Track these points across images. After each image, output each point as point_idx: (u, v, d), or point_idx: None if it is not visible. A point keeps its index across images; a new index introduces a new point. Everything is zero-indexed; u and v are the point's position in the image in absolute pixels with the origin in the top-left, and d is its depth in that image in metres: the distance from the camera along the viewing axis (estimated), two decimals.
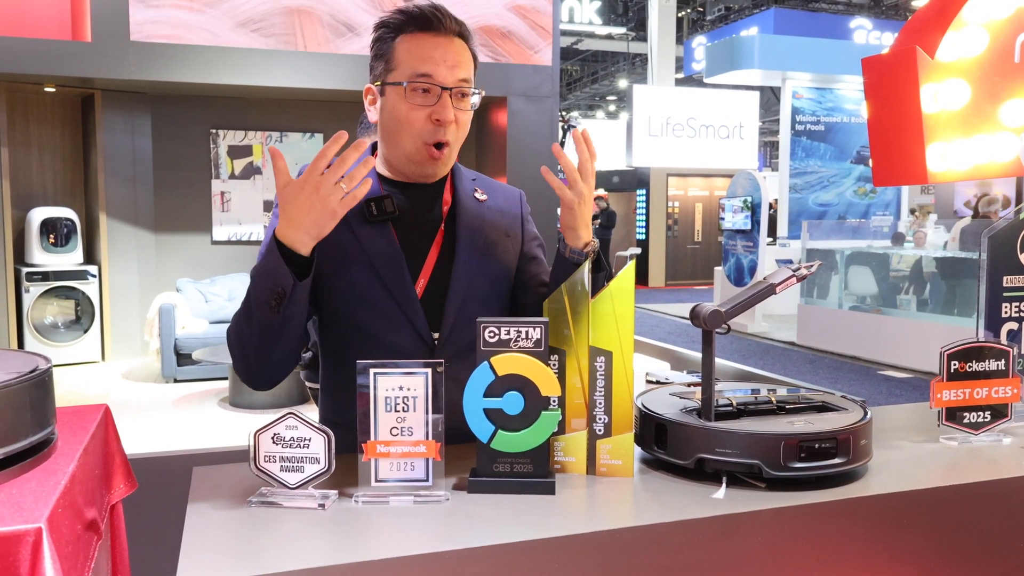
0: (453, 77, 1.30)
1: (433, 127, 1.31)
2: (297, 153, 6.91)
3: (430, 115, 1.30)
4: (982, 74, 2.56)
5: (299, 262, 1.19)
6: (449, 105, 1.30)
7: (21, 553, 0.80)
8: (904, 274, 8.36)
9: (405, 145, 1.33)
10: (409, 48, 1.31)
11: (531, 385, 1.12)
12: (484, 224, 1.41)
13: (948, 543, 1.17)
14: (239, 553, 0.94)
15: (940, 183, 8.21)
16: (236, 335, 1.27)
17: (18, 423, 0.99)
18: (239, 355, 1.28)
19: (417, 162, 1.34)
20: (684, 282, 16.04)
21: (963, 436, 1.38)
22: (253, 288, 1.22)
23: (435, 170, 1.36)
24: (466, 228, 1.38)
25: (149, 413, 5.10)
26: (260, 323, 1.21)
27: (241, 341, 1.26)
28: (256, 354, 1.26)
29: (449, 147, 1.34)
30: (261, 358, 1.26)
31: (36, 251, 6.24)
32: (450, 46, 1.31)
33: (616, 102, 24.11)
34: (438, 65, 1.29)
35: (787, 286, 1.24)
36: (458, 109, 1.32)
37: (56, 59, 5.29)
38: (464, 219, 1.39)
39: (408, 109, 1.31)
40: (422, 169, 1.36)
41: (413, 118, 1.31)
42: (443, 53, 1.30)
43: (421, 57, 1.30)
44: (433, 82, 1.29)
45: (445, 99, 1.30)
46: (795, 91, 11.96)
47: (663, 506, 1.08)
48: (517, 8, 6.04)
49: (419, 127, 1.31)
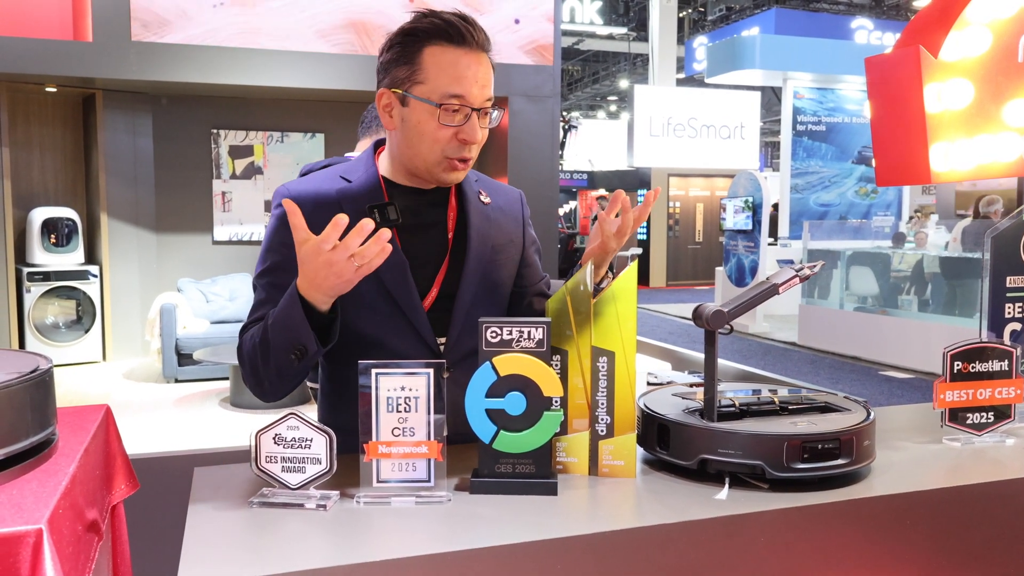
0: (482, 97, 1.29)
1: (458, 144, 1.29)
2: (299, 153, 6.91)
3: (457, 134, 1.28)
4: (985, 74, 2.55)
5: (320, 315, 1.19)
6: (477, 127, 1.29)
7: (22, 554, 0.80)
8: (905, 275, 8.35)
9: (428, 157, 1.31)
10: (439, 63, 1.27)
11: (533, 385, 1.11)
12: (491, 229, 1.40)
13: (951, 544, 1.17)
14: (240, 554, 0.94)
15: (943, 183, 8.21)
16: (250, 364, 1.27)
17: (19, 423, 0.98)
18: (252, 380, 1.29)
19: (438, 172, 1.33)
20: (685, 282, 16.03)
21: (966, 437, 1.38)
22: (274, 337, 1.21)
23: (456, 179, 1.35)
24: (476, 233, 1.37)
25: (150, 413, 5.10)
26: (279, 366, 1.23)
27: (255, 370, 1.27)
28: (271, 384, 1.28)
29: (471, 159, 1.33)
30: (276, 387, 1.28)
31: (37, 251, 6.24)
32: (480, 64, 1.29)
33: (617, 102, 24.10)
34: (471, 87, 1.27)
35: (790, 286, 1.23)
36: (482, 128, 1.31)
37: (57, 59, 5.29)
38: (474, 224, 1.37)
39: (436, 128, 1.28)
40: (443, 178, 1.34)
41: (440, 136, 1.29)
42: (475, 73, 1.28)
43: (454, 76, 1.26)
44: (465, 103, 1.27)
45: (474, 120, 1.29)
46: (796, 91, 11.96)
47: (665, 507, 1.08)
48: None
49: (443, 144, 1.29)
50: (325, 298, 1.18)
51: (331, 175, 1.38)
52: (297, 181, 1.39)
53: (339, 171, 1.39)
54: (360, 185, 1.35)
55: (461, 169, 1.33)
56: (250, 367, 1.28)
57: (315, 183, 1.36)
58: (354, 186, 1.34)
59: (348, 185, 1.35)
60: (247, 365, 1.29)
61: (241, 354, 1.30)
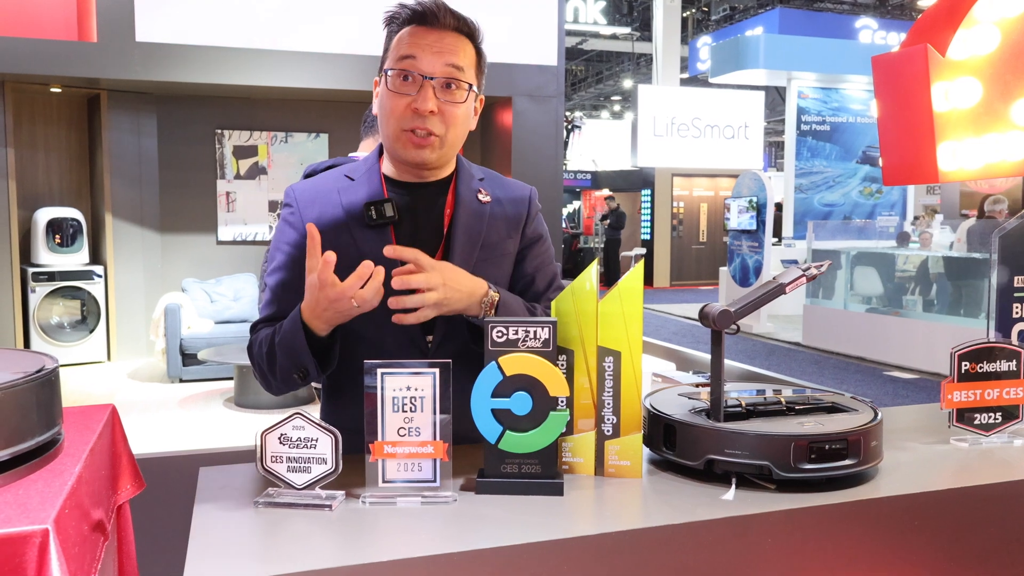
0: (439, 63, 1.28)
1: (412, 115, 1.28)
2: (303, 153, 6.92)
3: (410, 103, 1.28)
4: (994, 72, 2.54)
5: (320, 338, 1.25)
6: (429, 95, 1.27)
7: (28, 554, 0.79)
8: (910, 275, 8.33)
9: (389, 133, 1.32)
10: (400, 38, 1.31)
11: (539, 385, 1.11)
12: (483, 227, 1.38)
13: (959, 545, 1.16)
14: (246, 554, 0.94)
15: (950, 182, 8.18)
16: (259, 367, 1.33)
17: (25, 423, 0.98)
18: (261, 380, 1.36)
19: (400, 149, 1.32)
20: (689, 282, 16.01)
21: (974, 438, 1.37)
22: (280, 356, 1.27)
23: (419, 158, 1.32)
24: (463, 232, 1.36)
25: (155, 413, 5.11)
26: (284, 379, 1.30)
27: (263, 373, 1.33)
28: (279, 388, 1.34)
29: (437, 138, 1.30)
30: (283, 390, 1.35)
31: (42, 251, 6.25)
32: (442, 38, 1.29)
33: (621, 102, 24.09)
34: (423, 51, 1.28)
35: (797, 286, 1.23)
36: (444, 101, 1.29)
37: (62, 59, 5.30)
38: (462, 222, 1.36)
39: (390, 96, 1.29)
40: (406, 156, 1.32)
41: (393, 105, 1.29)
42: (431, 42, 1.29)
43: (407, 43, 1.29)
44: (414, 67, 1.27)
45: (426, 88, 1.27)
46: (800, 91, 11.95)
47: (672, 507, 1.07)
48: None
49: (399, 114, 1.29)
50: (324, 327, 1.23)
51: (337, 175, 1.40)
52: (306, 181, 1.41)
53: (345, 171, 1.40)
54: (361, 184, 1.36)
55: (422, 146, 1.30)
56: (259, 369, 1.34)
57: (321, 183, 1.38)
58: (355, 185, 1.36)
59: (351, 184, 1.36)
60: (256, 366, 1.34)
61: (251, 353, 1.35)
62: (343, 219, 1.32)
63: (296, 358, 1.24)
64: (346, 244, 1.31)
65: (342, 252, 1.30)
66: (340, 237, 1.31)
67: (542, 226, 1.48)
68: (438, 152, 1.33)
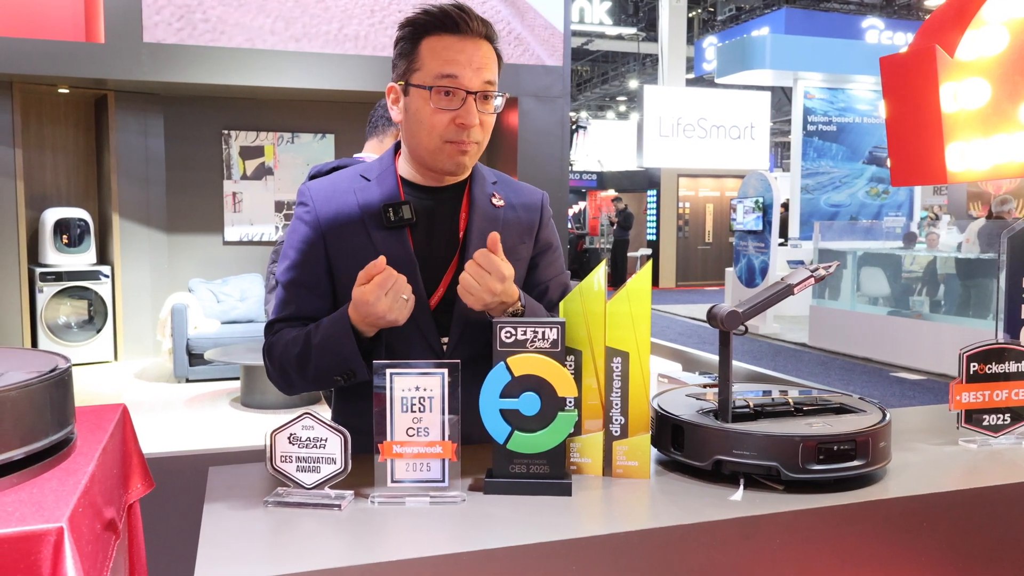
0: (478, 80, 1.29)
1: (456, 129, 1.29)
2: (309, 154, 6.93)
3: (454, 119, 1.29)
4: (1003, 73, 2.53)
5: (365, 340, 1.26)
6: (474, 109, 1.29)
7: (43, 552, 0.80)
8: (917, 275, 8.30)
9: (428, 145, 1.32)
10: (434, 49, 1.29)
11: (547, 386, 1.11)
12: (497, 230, 1.37)
13: (968, 546, 1.16)
14: (256, 553, 0.94)
15: (958, 183, 8.15)
16: (282, 368, 1.32)
17: (38, 422, 0.99)
18: (281, 381, 1.35)
19: (441, 159, 1.33)
20: (695, 283, 15.99)
21: (983, 439, 1.37)
22: (320, 359, 1.26)
23: (460, 165, 1.34)
24: (478, 236, 1.36)
25: (162, 413, 5.12)
26: (319, 381, 1.30)
27: (287, 375, 1.33)
28: (302, 388, 1.34)
29: (476, 144, 1.33)
30: (307, 391, 1.36)
31: (50, 251, 6.28)
32: (477, 48, 1.29)
33: (627, 103, 24.06)
34: (464, 68, 1.27)
35: (805, 286, 1.23)
36: (482, 112, 1.30)
37: (70, 60, 5.33)
38: (477, 226, 1.37)
39: (432, 112, 1.29)
40: (446, 165, 1.33)
41: (436, 121, 1.29)
42: (469, 56, 1.28)
43: (446, 59, 1.28)
44: (458, 85, 1.27)
45: (470, 103, 1.28)
46: (807, 91, 11.91)
47: (680, 508, 1.07)
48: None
49: (441, 130, 1.30)
50: (371, 330, 1.25)
51: (353, 175, 1.39)
52: (321, 179, 1.41)
53: (360, 170, 1.40)
54: (378, 184, 1.36)
55: (464, 152, 1.32)
56: (280, 371, 1.33)
57: (337, 182, 1.38)
58: (372, 185, 1.36)
59: (367, 184, 1.36)
60: (277, 367, 1.33)
61: (271, 354, 1.34)
62: (360, 220, 1.33)
63: (343, 361, 1.24)
64: (363, 245, 1.32)
65: (359, 252, 1.31)
66: (357, 237, 1.31)
67: (554, 234, 1.49)
68: (474, 159, 1.36)
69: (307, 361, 1.28)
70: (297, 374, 1.30)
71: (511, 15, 5.99)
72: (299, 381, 1.32)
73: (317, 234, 1.33)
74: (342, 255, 1.32)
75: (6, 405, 0.95)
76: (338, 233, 1.33)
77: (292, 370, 1.30)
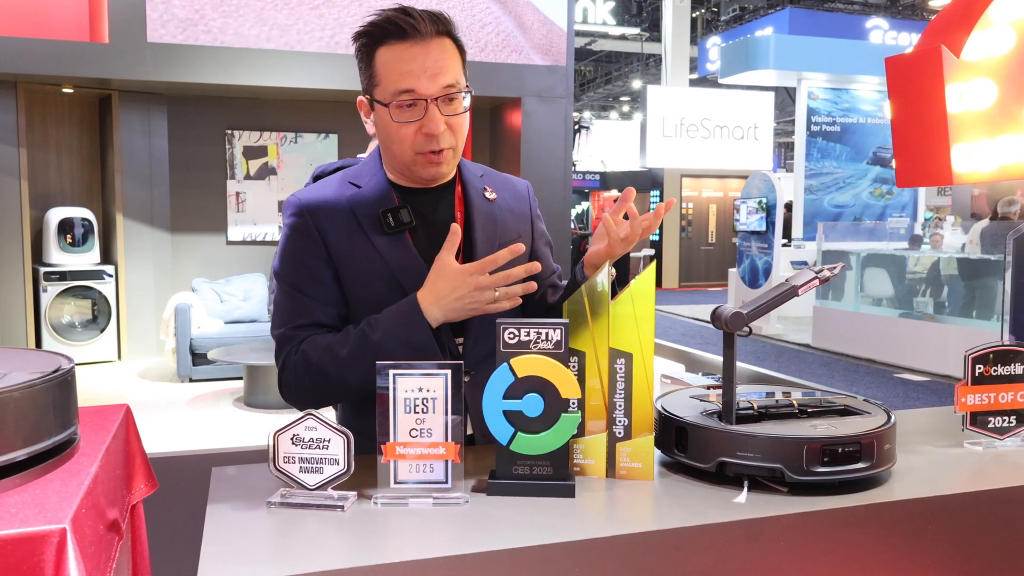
0: (436, 86, 1.26)
1: (424, 139, 1.28)
2: (312, 154, 6.94)
3: (419, 128, 1.27)
4: (1009, 73, 2.52)
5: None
6: (437, 116, 1.26)
7: (46, 553, 0.80)
8: (921, 276, 8.28)
9: (401, 157, 1.31)
10: (388, 62, 1.26)
11: (551, 387, 1.11)
12: (498, 227, 1.39)
13: (973, 549, 1.16)
14: (259, 554, 0.94)
15: (964, 184, 8.12)
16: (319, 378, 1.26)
17: (42, 423, 0.99)
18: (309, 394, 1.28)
19: (417, 170, 1.32)
20: (698, 283, 15.98)
21: (988, 441, 1.37)
22: (386, 355, 1.18)
23: (437, 173, 1.33)
24: (482, 232, 1.37)
25: (165, 412, 5.13)
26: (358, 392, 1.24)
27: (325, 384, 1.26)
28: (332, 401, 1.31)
29: (451, 150, 1.31)
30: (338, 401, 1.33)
31: (53, 251, 6.29)
32: (428, 52, 1.26)
33: (630, 103, 24.05)
34: (418, 78, 1.25)
35: (809, 288, 1.22)
36: (448, 115, 1.28)
37: (74, 60, 5.34)
38: (478, 223, 1.37)
39: (397, 127, 1.28)
40: (423, 175, 1.33)
41: (403, 134, 1.28)
42: (422, 63, 1.25)
43: (400, 72, 1.25)
44: (416, 96, 1.25)
45: (432, 111, 1.26)
46: (810, 91, 11.90)
47: (684, 510, 1.07)
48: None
49: (410, 142, 1.28)
50: (441, 316, 1.23)
51: (340, 181, 1.38)
52: (308, 189, 1.38)
53: (348, 176, 1.38)
54: (370, 190, 1.35)
55: (439, 163, 1.30)
56: (317, 376, 1.26)
57: (326, 190, 1.36)
58: (364, 191, 1.35)
59: (358, 191, 1.35)
60: (313, 374, 1.26)
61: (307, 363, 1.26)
62: (359, 227, 1.32)
63: (414, 351, 1.21)
64: (368, 252, 1.31)
65: (365, 260, 1.30)
66: (360, 246, 1.31)
67: (543, 224, 1.51)
68: (452, 163, 1.34)
69: (361, 361, 1.22)
70: (341, 380, 1.25)
71: (513, 14, 5.99)
72: (337, 393, 1.27)
73: (318, 244, 1.32)
74: (346, 262, 1.31)
75: (9, 406, 0.95)
76: (340, 241, 1.31)
77: (335, 375, 1.24)
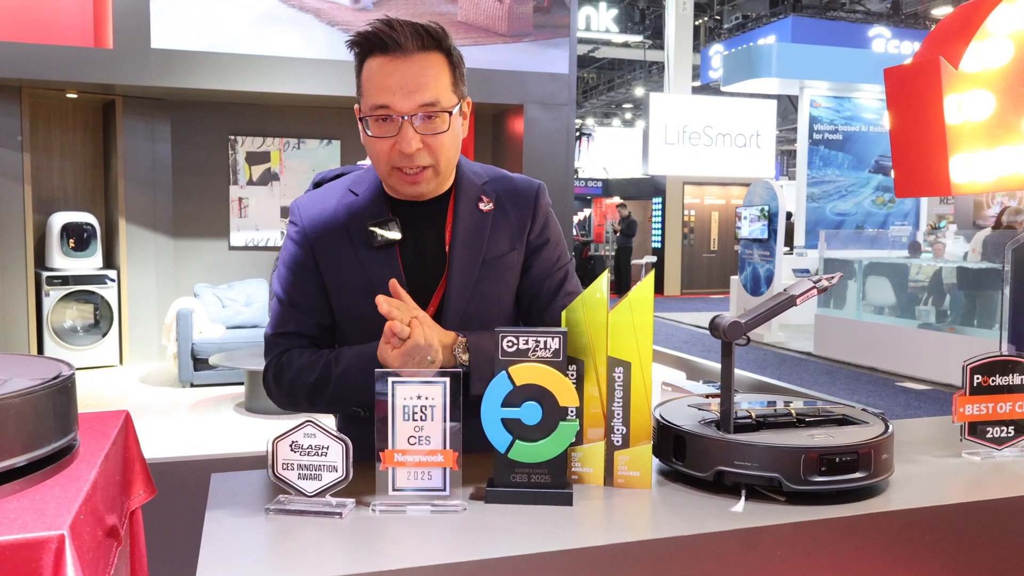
0: (411, 103, 1.23)
1: (399, 155, 1.26)
2: (315, 160, 6.96)
3: (393, 144, 1.25)
4: (1007, 85, 2.52)
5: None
6: (410, 134, 1.23)
7: (44, 560, 0.80)
8: (923, 285, 8.27)
9: (380, 171, 1.31)
10: (369, 76, 1.25)
11: (549, 395, 1.11)
12: (484, 242, 1.35)
13: (971, 560, 1.16)
14: (257, 561, 0.94)
15: (963, 195, 8.12)
16: (289, 390, 1.32)
17: (41, 429, 1.00)
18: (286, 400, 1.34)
19: (394, 185, 1.31)
20: (700, 291, 15.97)
21: (986, 451, 1.37)
22: (341, 391, 1.27)
23: (415, 192, 1.31)
24: (461, 251, 1.34)
25: (166, 417, 5.13)
26: (333, 407, 1.31)
27: (293, 396, 1.33)
28: (306, 409, 1.33)
29: (429, 169, 1.28)
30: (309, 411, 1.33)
31: (56, 255, 6.31)
32: (408, 68, 1.23)
33: (632, 110, 24.09)
34: (394, 94, 1.22)
35: (808, 297, 1.23)
36: (426, 134, 1.25)
37: (78, 66, 5.36)
38: (460, 240, 1.34)
39: (374, 141, 1.26)
40: (402, 192, 1.32)
41: (379, 148, 1.26)
42: (400, 79, 1.22)
43: (377, 87, 1.24)
44: (390, 112, 1.23)
45: (405, 128, 1.23)
46: (813, 100, 11.92)
47: (681, 519, 1.07)
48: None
49: (386, 157, 1.27)
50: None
51: (343, 189, 1.38)
52: (310, 196, 1.40)
53: (349, 183, 1.39)
54: (365, 200, 1.35)
55: (414, 182, 1.28)
56: (289, 394, 1.33)
57: (326, 198, 1.37)
58: (360, 201, 1.35)
59: (355, 200, 1.35)
60: (285, 391, 1.33)
61: (280, 378, 1.33)
62: (348, 238, 1.32)
63: (366, 395, 1.19)
64: (353, 266, 1.32)
65: (348, 274, 1.31)
66: (347, 259, 1.31)
67: (550, 228, 1.42)
68: (434, 182, 1.31)
69: (323, 390, 1.29)
70: (308, 400, 1.31)
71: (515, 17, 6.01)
72: (307, 407, 1.32)
73: (308, 254, 1.33)
74: (332, 274, 1.32)
75: (9, 412, 0.95)
76: (327, 252, 1.33)
77: (303, 395, 1.31)
